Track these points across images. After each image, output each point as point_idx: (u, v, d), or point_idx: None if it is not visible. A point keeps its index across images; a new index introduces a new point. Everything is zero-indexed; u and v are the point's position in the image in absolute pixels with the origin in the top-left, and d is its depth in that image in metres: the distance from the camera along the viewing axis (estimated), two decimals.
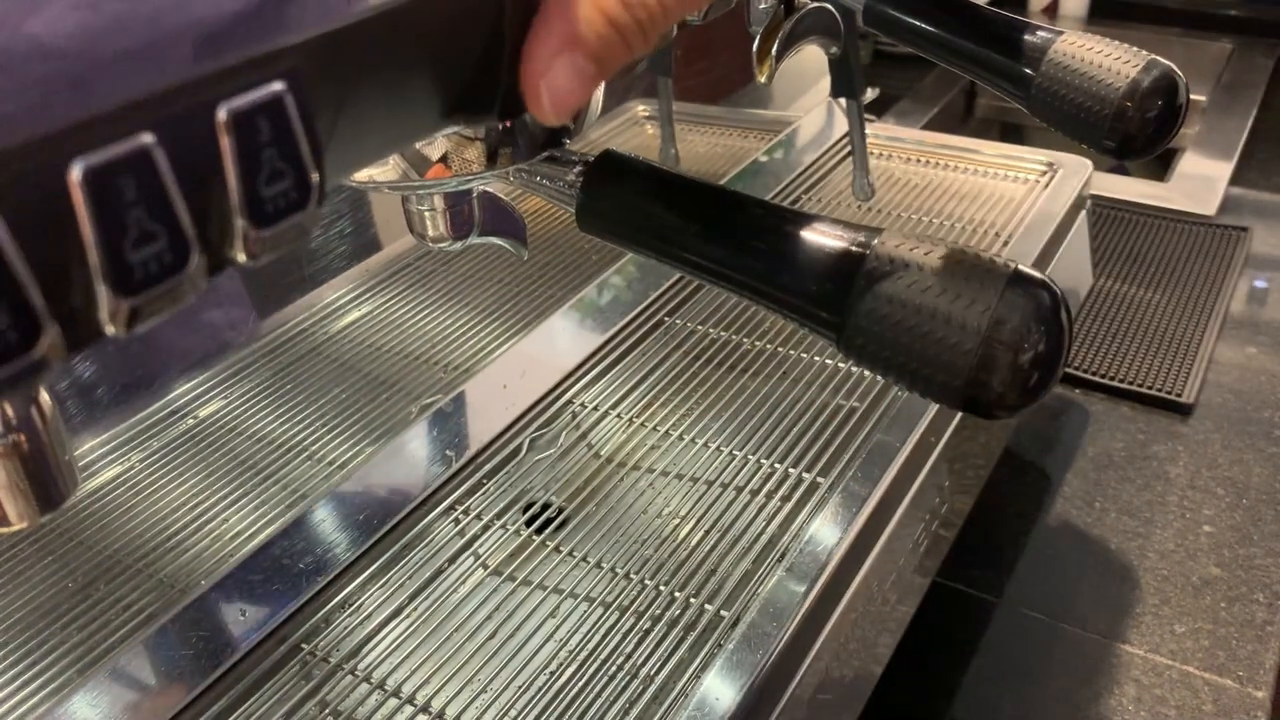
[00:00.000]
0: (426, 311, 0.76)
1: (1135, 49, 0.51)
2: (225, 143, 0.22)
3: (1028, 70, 0.52)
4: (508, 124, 0.38)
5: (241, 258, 0.23)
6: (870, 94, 1.42)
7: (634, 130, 1.05)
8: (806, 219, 0.36)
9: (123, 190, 0.20)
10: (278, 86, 0.22)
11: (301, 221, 0.23)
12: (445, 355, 0.72)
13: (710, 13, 0.35)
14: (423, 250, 0.82)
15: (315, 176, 0.23)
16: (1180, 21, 1.65)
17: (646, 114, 1.06)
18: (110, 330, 0.21)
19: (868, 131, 0.92)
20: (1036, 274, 0.33)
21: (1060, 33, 0.53)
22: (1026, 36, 0.53)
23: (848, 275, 0.34)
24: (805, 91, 1.26)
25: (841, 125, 0.97)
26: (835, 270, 0.34)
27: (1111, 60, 0.50)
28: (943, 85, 1.48)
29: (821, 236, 0.35)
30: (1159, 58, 0.50)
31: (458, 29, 0.28)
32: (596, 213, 0.39)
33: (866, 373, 0.66)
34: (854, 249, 0.34)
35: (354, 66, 0.25)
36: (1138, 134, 0.49)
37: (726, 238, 0.37)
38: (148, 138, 0.20)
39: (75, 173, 0.20)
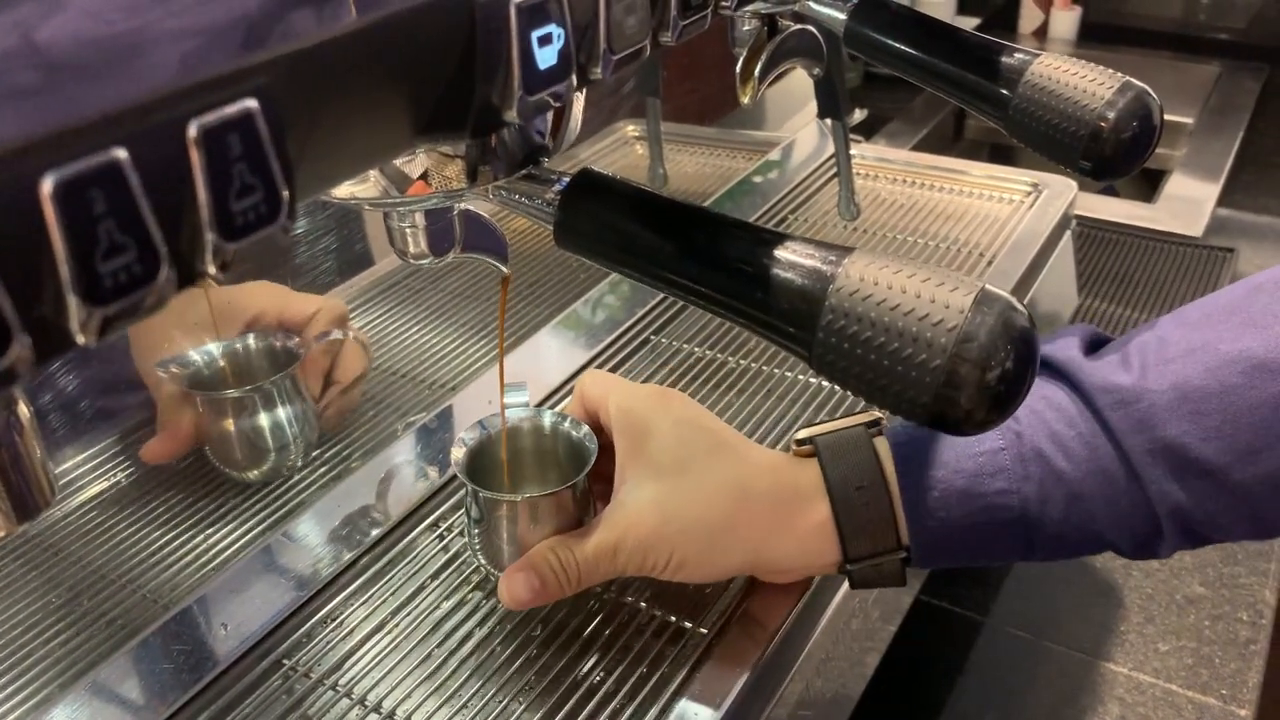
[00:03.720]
0: (414, 328, 0.77)
1: (1111, 71, 0.52)
2: (196, 157, 0.22)
3: (1005, 91, 0.53)
4: (488, 141, 0.38)
5: (211, 270, 0.23)
6: (858, 115, 1.43)
7: (623, 150, 1.05)
8: (780, 239, 0.36)
9: (94, 203, 0.21)
10: (249, 103, 0.23)
11: (271, 235, 0.24)
12: (432, 372, 0.72)
13: (683, 35, 0.36)
14: (411, 267, 0.82)
15: (285, 192, 0.24)
16: (1169, 44, 1.67)
17: (635, 134, 1.06)
18: (80, 340, 0.21)
19: (856, 152, 0.93)
20: (1003, 293, 0.33)
21: (1037, 55, 0.53)
22: (1004, 59, 0.54)
23: (818, 295, 0.34)
24: (796, 111, 1.27)
25: (830, 145, 0.98)
26: (806, 290, 0.34)
27: (1087, 82, 0.51)
28: (933, 107, 1.49)
29: (793, 256, 0.35)
30: (1134, 80, 0.51)
31: (430, 48, 0.28)
32: (574, 231, 0.39)
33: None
34: (824, 269, 0.35)
35: (326, 84, 0.26)
36: (1112, 155, 0.50)
37: (701, 257, 0.37)
38: (119, 152, 0.21)
39: (47, 185, 0.20)
